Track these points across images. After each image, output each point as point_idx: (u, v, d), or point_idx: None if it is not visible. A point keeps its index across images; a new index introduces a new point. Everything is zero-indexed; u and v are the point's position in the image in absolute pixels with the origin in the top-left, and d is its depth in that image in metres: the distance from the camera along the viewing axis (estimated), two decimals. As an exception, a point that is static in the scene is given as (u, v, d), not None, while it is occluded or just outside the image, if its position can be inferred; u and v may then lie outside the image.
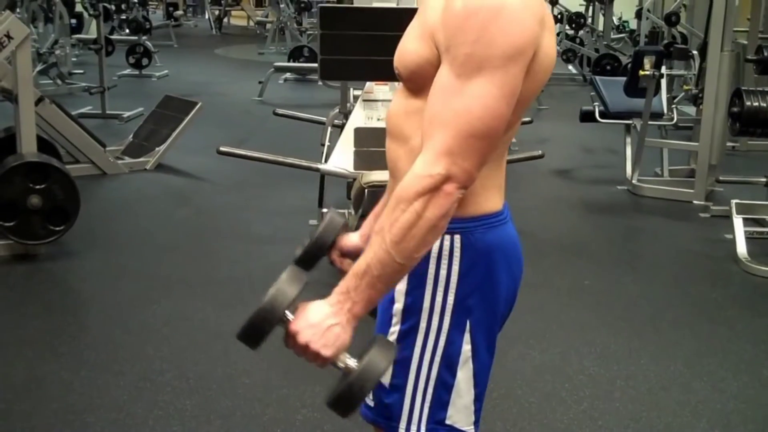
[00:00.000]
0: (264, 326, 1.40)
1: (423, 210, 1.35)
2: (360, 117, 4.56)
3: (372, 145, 4.45)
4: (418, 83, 1.47)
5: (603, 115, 6.19)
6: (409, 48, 1.48)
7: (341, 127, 4.97)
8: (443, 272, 1.51)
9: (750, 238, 4.78)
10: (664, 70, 5.74)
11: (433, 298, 1.52)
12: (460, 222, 1.48)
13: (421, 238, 1.37)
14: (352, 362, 1.40)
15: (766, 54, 5.70)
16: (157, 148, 6.51)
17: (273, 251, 4.71)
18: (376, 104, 4.61)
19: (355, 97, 5.32)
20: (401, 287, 1.54)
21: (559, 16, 13.51)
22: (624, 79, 6.15)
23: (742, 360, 3.56)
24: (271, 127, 8.04)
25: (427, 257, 1.50)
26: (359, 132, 4.50)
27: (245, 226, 5.21)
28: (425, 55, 1.43)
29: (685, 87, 6.32)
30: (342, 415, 1.41)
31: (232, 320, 3.82)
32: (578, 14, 14.19)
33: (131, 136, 6.84)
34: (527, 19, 1.36)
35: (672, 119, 6.23)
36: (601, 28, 13.36)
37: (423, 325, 1.53)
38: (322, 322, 1.37)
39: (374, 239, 1.39)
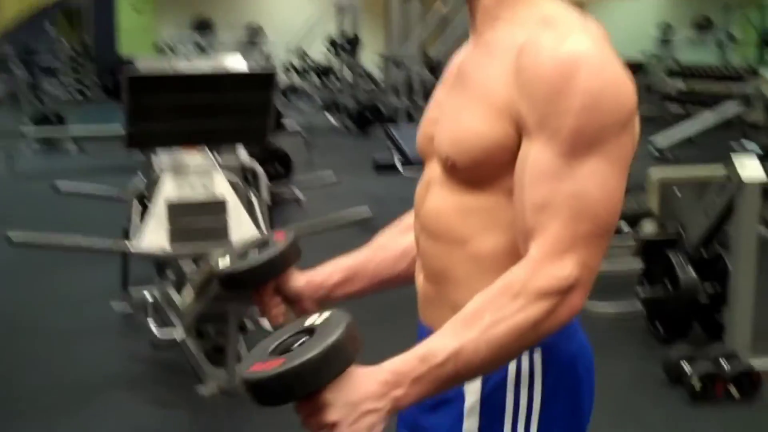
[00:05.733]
0: (297, 390, 1.03)
1: (543, 317, 1.10)
2: (171, 189, 4.14)
3: (189, 221, 4.07)
4: (481, 174, 1.21)
5: (404, 164, 6.13)
6: (472, 129, 1.19)
7: (141, 199, 4.51)
8: (524, 401, 1.24)
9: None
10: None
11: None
12: None
13: (523, 347, 1.13)
14: None
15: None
16: None
17: (90, 346, 4.16)
18: (188, 174, 4.23)
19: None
20: (471, 426, 1.25)
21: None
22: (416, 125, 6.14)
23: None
24: (31, 202, 7.30)
25: (503, 384, 1.24)
26: (174, 207, 4.09)
27: (49, 321, 4.57)
28: (497, 138, 1.17)
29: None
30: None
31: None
32: (327, 68, 14.39)
33: None
34: (627, 76, 1.14)
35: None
36: (350, 78, 13.55)
37: None
38: (361, 402, 1.05)
39: (461, 327, 1.10)
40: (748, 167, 3.71)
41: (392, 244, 1.49)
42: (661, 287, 4.09)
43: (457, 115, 1.23)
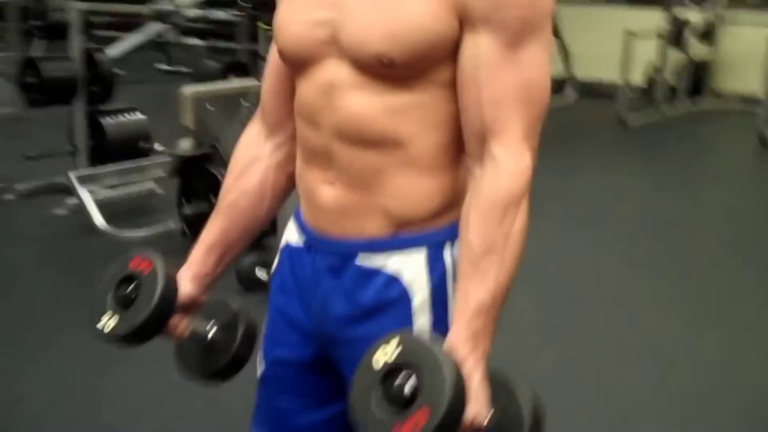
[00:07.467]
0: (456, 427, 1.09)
1: (526, 211, 1.19)
2: None
3: None
4: (418, 69, 1.19)
5: None
6: (415, 22, 1.16)
7: None
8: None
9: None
10: None
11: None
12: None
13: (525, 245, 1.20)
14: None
15: (49, 18, 5.32)
16: None
17: None
18: None
19: None
20: (424, 322, 1.28)
21: None
22: None
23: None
24: None
25: (445, 276, 1.28)
26: None
27: None
28: (443, 30, 1.17)
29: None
30: None
31: None
32: None
33: None
34: None
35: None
36: None
37: None
38: (473, 384, 1.13)
39: (485, 263, 1.16)
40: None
41: (244, 196, 1.43)
42: (206, 202, 4.14)
43: (387, 9, 1.17)
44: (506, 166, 1.17)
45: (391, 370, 1.08)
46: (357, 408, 1.11)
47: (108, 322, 1.28)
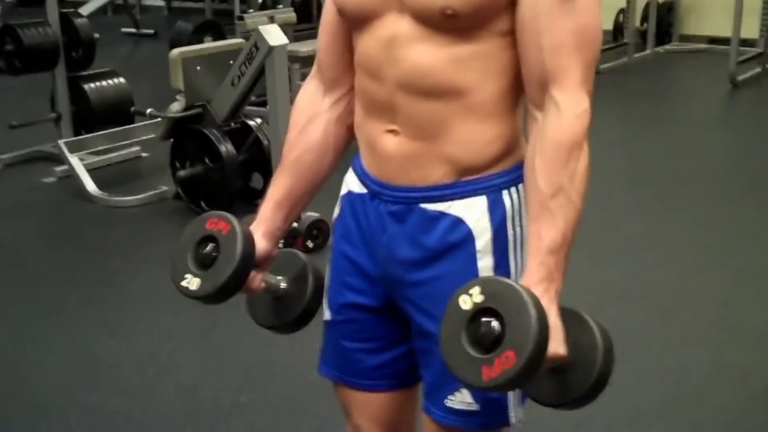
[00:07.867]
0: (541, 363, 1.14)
1: (588, 152, 1.24)
2: None
3: None
4: (480, 20, 1.23)
5: None
6: None
7: None
8: (518, 231, 1.35)
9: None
10: None
11: (516, 262, 1.34)
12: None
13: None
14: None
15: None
16: None
17: None
18: None
19: None
20: (487, 263, 1.33)
21: None
22: None
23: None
24: None
25: (505, 219, 1.33)
26: None
27: None
28: None
29: None
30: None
31: None
32: None
33: None
34: None
35: None
36: None
37: None
38: (553, 322, 1.19)
39: (554, 204, 1.21)
40: (273, 34, 3.89)
41: (308, 152, 1.46)
42: (200, 164, 4.12)
43: None
44: (567, 109, 1.21)
45: (476, 313, 1.13)
46: (447, 351, 1.15)
47: (192, 281, 1.31)
